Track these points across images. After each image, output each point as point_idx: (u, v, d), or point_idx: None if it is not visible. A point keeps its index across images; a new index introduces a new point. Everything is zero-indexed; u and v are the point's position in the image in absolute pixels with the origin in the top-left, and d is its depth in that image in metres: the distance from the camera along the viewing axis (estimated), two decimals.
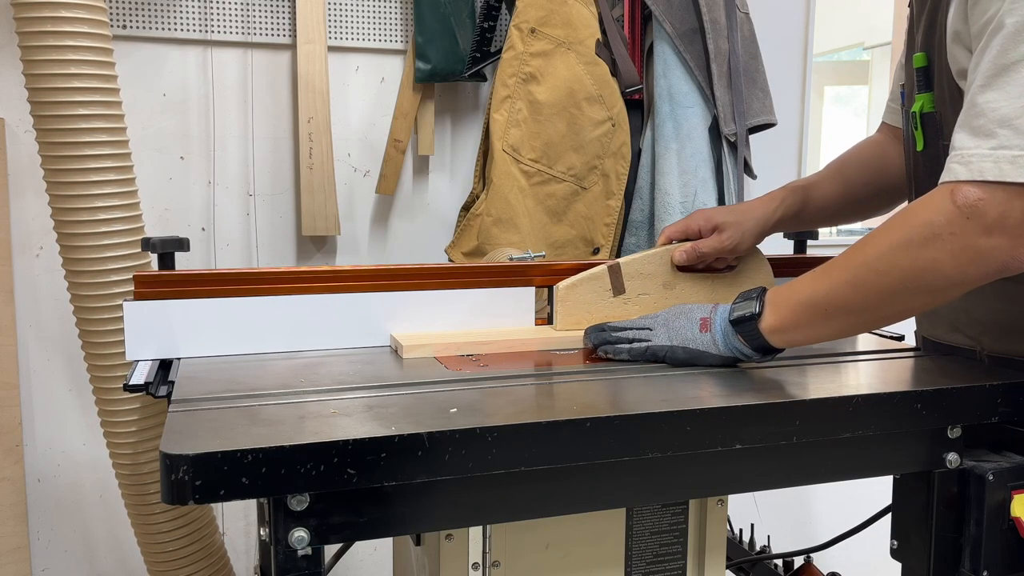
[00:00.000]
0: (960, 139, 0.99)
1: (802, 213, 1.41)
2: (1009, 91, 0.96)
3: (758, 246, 1.42)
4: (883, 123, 1.48)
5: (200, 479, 0.76)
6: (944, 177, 0.99)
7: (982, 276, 0.98)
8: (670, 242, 1.38)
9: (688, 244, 1.35)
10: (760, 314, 1.09)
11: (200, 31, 1.91)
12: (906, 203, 1.30)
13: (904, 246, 0.99)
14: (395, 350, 1.25)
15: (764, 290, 1.11)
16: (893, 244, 1.00)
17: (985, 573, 1.06)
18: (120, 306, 1.26)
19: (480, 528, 1.11)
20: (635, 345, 1.16)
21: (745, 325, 1.09)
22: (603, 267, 1.33)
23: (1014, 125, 0.94)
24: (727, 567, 1.46)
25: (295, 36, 1.94)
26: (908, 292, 1.00)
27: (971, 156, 0.96)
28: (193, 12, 1.90)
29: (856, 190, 1.44)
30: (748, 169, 2.05)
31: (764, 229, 1.37)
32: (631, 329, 1.19)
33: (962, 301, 1.18)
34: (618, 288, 1.33)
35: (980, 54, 1.00)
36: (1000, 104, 0.96)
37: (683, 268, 1.37)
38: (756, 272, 1.43)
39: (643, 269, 1.35)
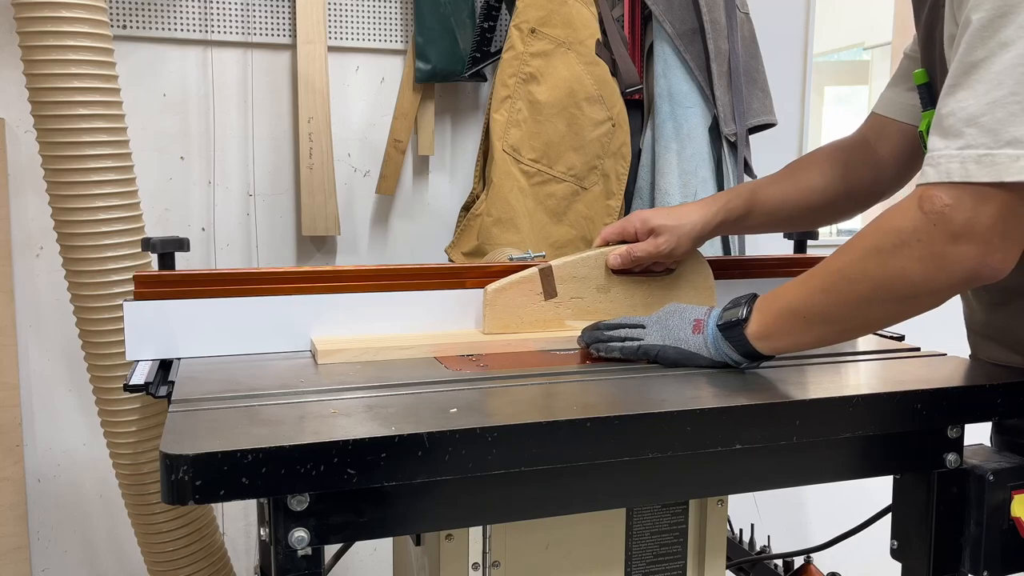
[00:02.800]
0: (932, 141, 0.96)
1: (748, 217, 1.35)
2: (976, 89, 0.92)
3: (700, 249, 1.37)
4: (872, 114, 1.38)
5: (200, 479, 0.76)
6: (916, 180, 0.97)
7: (950, 285, 0.96)
8: (607, 244, 1.35)
9: (623, 248, 1.32)
10: (747, 320, 1.08)
11: (200, 31, 1.91)
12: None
13: (874, 253, 0.97)
14: (312, 355, 1.21)
15: (754, 296, 1.10)
16: (864, 251, 0.99)
17: (985, 573, 1.06)
18: (120, 306, 1.26)
19: (480, 528, 1.11)
20: (627, 344, 1.15)
21: (732, 331, 1.09)
22: (534, 270, 1.30)
23: (980, 123, 0.91)
24: (727, 567, 1.45)
25: (295, 36, 1.94)
26: (879, 300, 0.99)
27: (940, 157, 0.94)
28: (193, 12, 1.90)
29: (812, 195, 1.36)
30: (748, 169, 2.05)
31: (702, 234, 1.32)
32: (624, 327, 1.18)
33: (1019, 319, 1.14)
34: (549, 292, 1.30)
35: (953, 54, 0.97)
36: (968, 103, 0.93)
37: (618, 271, 1.34)
38: (696, 276, 1.39)
39: (576, 272, 1.32)
